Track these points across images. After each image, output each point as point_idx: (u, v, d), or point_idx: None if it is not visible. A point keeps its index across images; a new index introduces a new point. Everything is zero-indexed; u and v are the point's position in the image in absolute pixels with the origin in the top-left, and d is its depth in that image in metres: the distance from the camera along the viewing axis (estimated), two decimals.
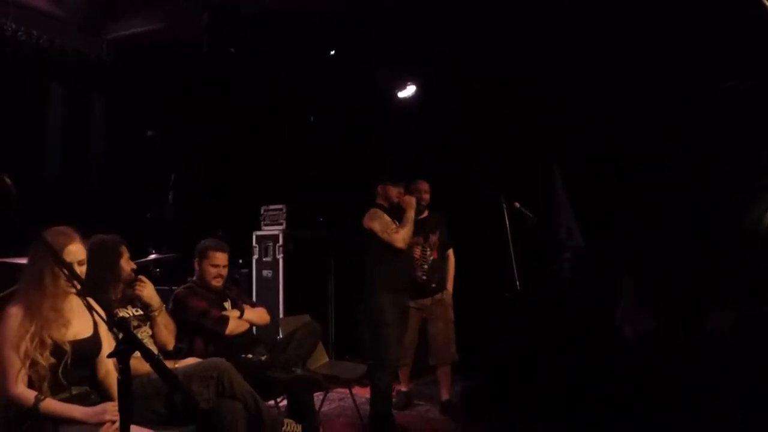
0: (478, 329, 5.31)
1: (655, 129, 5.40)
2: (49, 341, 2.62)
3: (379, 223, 4.56)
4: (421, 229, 5.08)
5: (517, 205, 5.03)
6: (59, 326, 2.68)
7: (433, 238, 5.21)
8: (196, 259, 4.10)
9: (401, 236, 4.54)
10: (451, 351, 5.18)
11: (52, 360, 2.63)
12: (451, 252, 5.41)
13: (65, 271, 2.34)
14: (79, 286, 2.59)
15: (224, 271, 4.09)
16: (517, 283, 4.76)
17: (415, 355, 5.30)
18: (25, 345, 2.58)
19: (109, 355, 1.85)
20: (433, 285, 5.19)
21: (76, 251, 2.76)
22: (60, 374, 2.66)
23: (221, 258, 4.07)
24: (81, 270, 2.75)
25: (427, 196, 5.18)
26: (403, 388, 5.41)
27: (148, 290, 3.51)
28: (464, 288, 5.45)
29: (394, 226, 4.59)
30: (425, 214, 5.21)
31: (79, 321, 2.80)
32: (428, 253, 5.16)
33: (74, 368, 2.71)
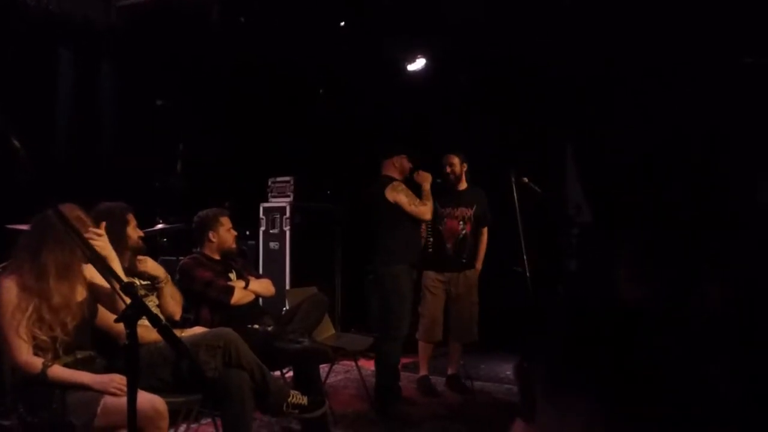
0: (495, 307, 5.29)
1: (672, 105, 5.33)
2: (47, 317, 2.62)
3: (405, 195, 4.60)
4: (451, 202, 5.08)
5: (526, 180, 5.01)
6: (60, 303, 2.67)
7: (467, 212, 5.14)
8: (208, 231, 4.09)
9: (428, 208, 4.63)
10: (473, 331, 5.16)
11: (51, 333, 2.63)
12: (485, 230, 5.27)
13: (87, 253, 2.29)
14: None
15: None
16: (525, 257, 4.76)
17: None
18: (24, 323, 2.57)
19: (116, 320, 1.84)
20: (464, 260, 5.14)
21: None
22: (59, 344, 2.65)
23: (229, 221, 4.16)
24: None
25: (456, 170, 5.11)
26: (423, 372, 5.20)
27: (150, 264, 3.50)
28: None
29: (417, 200, 4.63)
30: (463, 186, 5.18)
31: (75, 287, 2.78)
32: (431, 228, 5.07)
33: (75, 335, 2.71)
